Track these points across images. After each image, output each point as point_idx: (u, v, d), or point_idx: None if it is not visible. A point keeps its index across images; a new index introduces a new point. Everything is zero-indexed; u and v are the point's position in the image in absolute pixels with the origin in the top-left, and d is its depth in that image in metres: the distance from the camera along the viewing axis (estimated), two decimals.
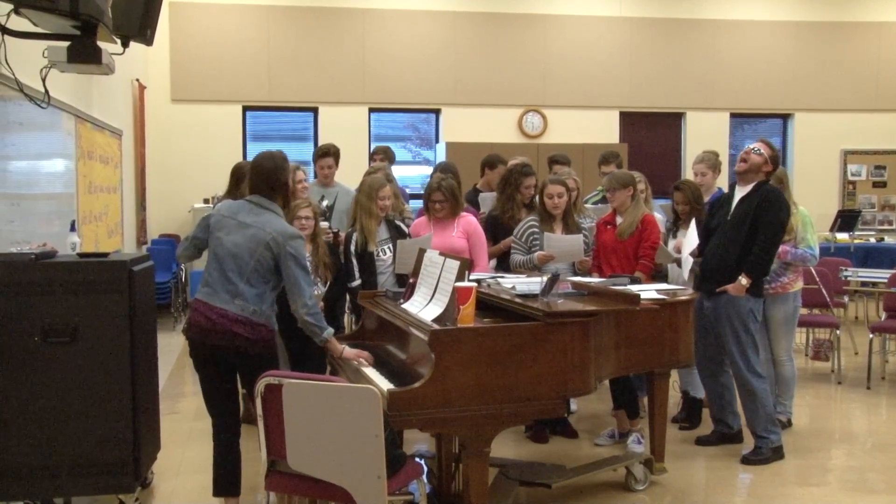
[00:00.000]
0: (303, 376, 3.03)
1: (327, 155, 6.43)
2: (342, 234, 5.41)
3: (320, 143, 9.08)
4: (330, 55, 11.04)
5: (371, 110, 11.31)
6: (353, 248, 5.10)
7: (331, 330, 3.70)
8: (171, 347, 7.95)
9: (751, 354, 4.83)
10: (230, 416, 3.78)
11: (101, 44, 4.16)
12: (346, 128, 10.88)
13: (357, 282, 5.04)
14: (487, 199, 6.02)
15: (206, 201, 10.37)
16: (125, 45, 4.41)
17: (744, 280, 4.71)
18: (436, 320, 3.54)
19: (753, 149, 4.86)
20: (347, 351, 3.81)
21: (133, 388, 3.87)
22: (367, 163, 9.69)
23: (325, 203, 5.65)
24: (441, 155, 10.73)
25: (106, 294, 3.80)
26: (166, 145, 10.71)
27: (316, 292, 4.61)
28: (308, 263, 4.60)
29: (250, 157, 10.93)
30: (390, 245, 5.13)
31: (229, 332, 3.56)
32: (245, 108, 11.04)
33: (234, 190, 5.31)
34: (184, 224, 10.75)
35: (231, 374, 3.71)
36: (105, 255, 4.13)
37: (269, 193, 3.76)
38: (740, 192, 4.89)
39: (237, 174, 5.37)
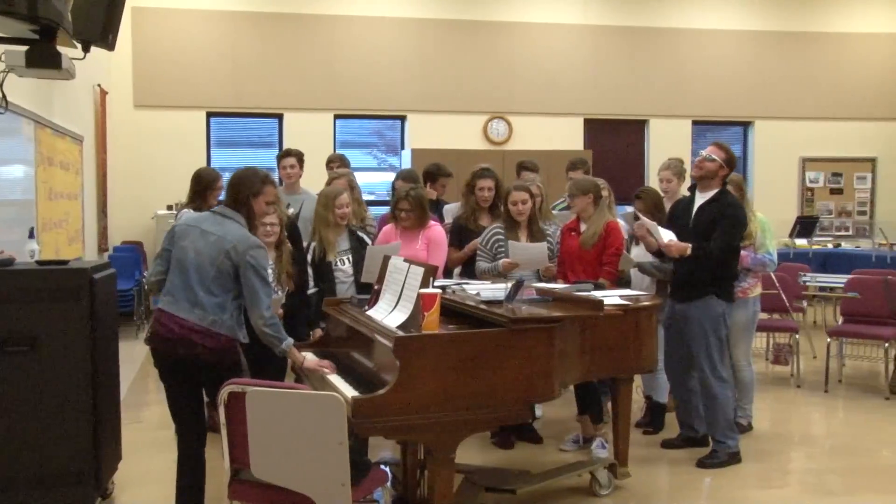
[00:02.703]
0: (266, 384, 3.01)
1: (289, 155, 6.40)
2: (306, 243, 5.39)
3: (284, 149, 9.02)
4: (295, 61, 11.00)
5: (336, 117, 11.28)
6: (310, 257, 5.07)
7: (290, 340, 3.67)
8: (135, 355, 7.84)
9: (717, 359, 4.87)
10: (195, 424, 3.73)
11: (61, 49, 4.10)
12: (312, 134, 10.83)
13: (313, 289, 5.01)
14: (451, 211, 6.01)
15: (169, 208, 10.26)
16: (86, 49, 4.35)
17: (688, 251, 4.72)
18: (400, 327, 3.53)
19: (706, 156, 4.88)
20: (309, 361, 3.79)
21: (93, 398, 3.81)
22: (327, 170, 9.70)
23: (290, 210, 5.61)
24: (406, 161, 10.73)
25: (66, 302, 3.74)
26: (129, 151, 10.59)
27: (274, 297, 4.58)
28: (271, 272, 4.58)
29: (215, 164, 10.92)
30: (350, 256, 5.11)
31: (189, 342, 3.51)
32: (209, 114, 10.95)
33: (195, 197, 5.26)
34: (147, 231, 10.63)
35: (195, 383, 3.66)
36: (65, 262, 4.06)
37: (233, 204, 3.73)
38: (700, 198, 4.93)
39: (199, 181, 5.31)
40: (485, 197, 5.63)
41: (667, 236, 4.82)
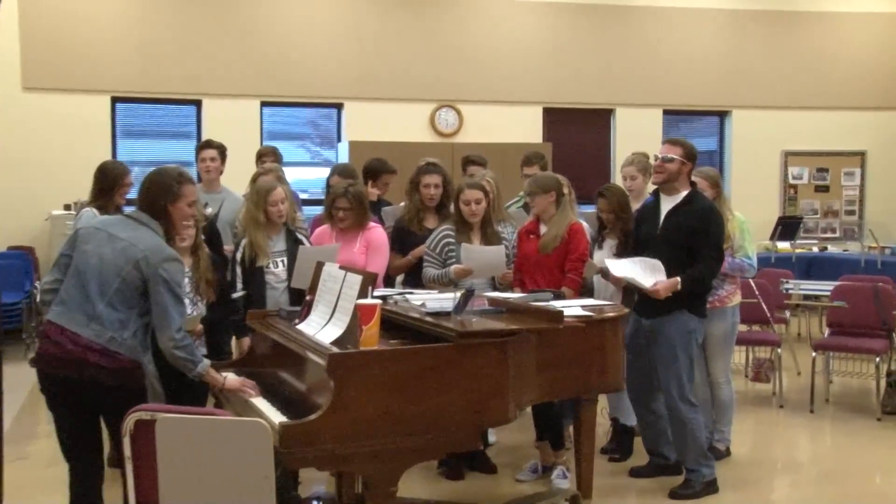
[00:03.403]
0: (180, 410, 2.98)
1: (209, 147, 6.35)
2: (229, 248, 5.35)
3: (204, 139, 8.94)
4: (216, 41, 10.89)
5: (263, 104, 11.19)
6: (239, 256, 5.06)
7: (206, 362, 3.65)
8: (22, 380, 7.61)
9: (685, 380, 4.93)
10: (90, 460, 3.67)
11: None
12: (235, 124, 10.72)
13: (240, 293, 4.99)
14: (390, 213, 6.02)
15: (67, 207, 10.04)
16: None
17: (679, 286, 4.77)
18: (335, 343, 3.54)
19: (663, 157, 4.91)
20: (230, 380, 3.76)
21: None
22: (257, 165, 9.62)
23: (208, 210, 5.57)
24: (343, 155, 10.70)
25: None
26: (17, 140, 10.33)
27: (196, 313, 4.53)
28: (187, 281, 4.54)
29: (122, 157, 10.76)
30: (285, 259, 5.10)
31: (82, 362, 3.45)
32: (114, 100, 10.77)
33: (99, 195, 5.19)
34: (39, 234, 10.39)
35: (91, 411, 3.60)
36: None
37: (149, 210, 3.70)
38: (668, 202, 4.98)
39: (104, 177, 5.24)
40: (431, 195, 5.65)
41: (649, 277, 4.80)
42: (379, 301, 3.54)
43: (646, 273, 4.81)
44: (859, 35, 12.90)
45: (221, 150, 6.41)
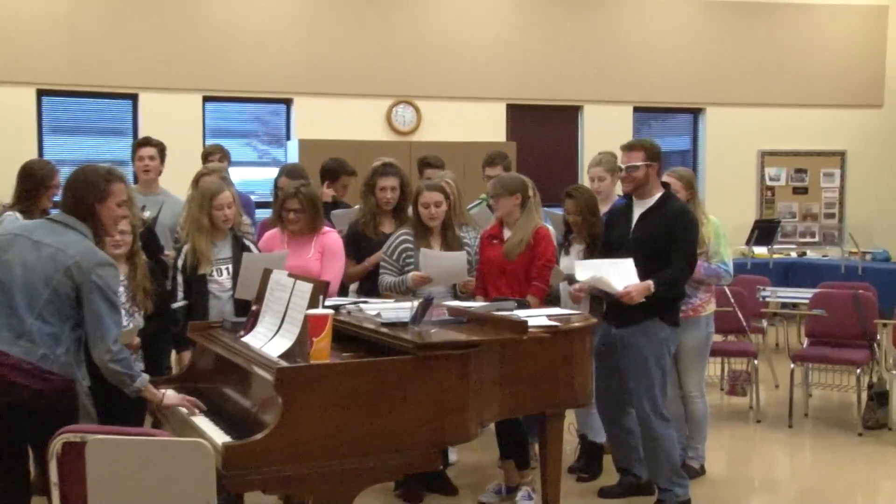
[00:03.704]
0: (113, 430, 2.95)
1: (147, 145, 6.30)
2: (170, 253, 5.31)
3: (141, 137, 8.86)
4: (154, 29, 10.78)
5: (206, 99, 11.10)
6: (180, 263, 5.02)
7: (144, 377, 3.61)
8: None
9: (657, 393, 4.96)
10: (15, 487, 3.61)
11: None
12: (175, 120, 10.62)
13: (181, 302, 4.95)
14: (341, 217, 6.00)
15: None
16: None
17: (651, 289, 4.78)
18: (284, 356, 3.52)
19: (627, 168, 4.95)
20: (169, 397, 3.73)
21: None
22: (203, 164, 9.53)
23: (146, 214, 5.53)
24: (293, 154, 10.66)
25: None
26: None
27: (132, 325, 4.49)
28: (122, 291, 4.50)
29: (49, 155, 10.61)
30: (231, 266, 5.08)
31: (8, 385, 3.39)
32: (40, 92, 10.60)
33: (24, 197, 5.12)
34: None
35: (14, 434, 3.53)
36: None
37: (75, 211, 3.65)
38: (640, 206, 5.02)
39: (29, 177, 5.18)
40: (388, 199, 5.65)
41: (619, 281, 4.81)
42: (331, 311, 3.53)
43: (616, 276, 4.84)
44: (840, 28, 13.07)
45: (160, 149, 6.35)
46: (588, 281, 4.92)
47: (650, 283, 4.77)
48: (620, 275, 4.83)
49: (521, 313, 4.44)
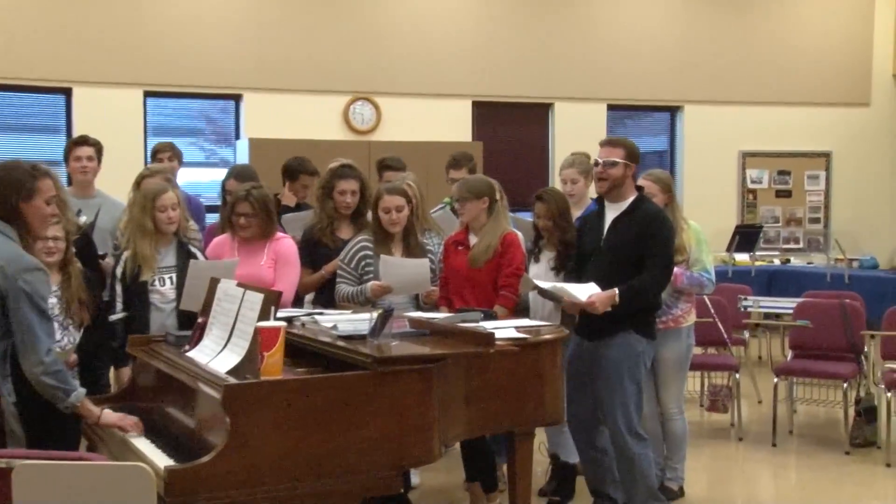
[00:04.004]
0: (43, 455, 2.91)
1: (84, 144, 6.23)
2: (109, 260, 5.26)
3: (76, 135, 8.78)
4: (90, 18, 10.69)
5: (147, 94, 11.03)
6: (119, 271, 4.97)
7: (81, 391, 3.57)
8: None
9: (633, 411, 4.97)
10: None
11: None
12: (113, 117, 10.53)
13: (120, 314, 4.90)
14: (294, 222, 5.96)
15: None
16: None
17: (617, 298, 4.79)
18: (232, 372, 3.51)
19: (605, 162, 4.96)
20: (107, 415, 3.69)
21: None
22: (145, 164, 9.45)
23: (82, 218, 5.48)
24: (243, 155, 10.62)
25: None
26: None
27: (65, 341, 4.44)
28: (56, 302, 4.45)
29: None
30: (175, 275, 5.05)
31: None
32: None
33: None
34: None
35: None
36: None
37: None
38: (613, 210, 5.03)
39: None
40: (347, 203, 5.65)
41: (584, 291, 4.83)
42: (283, 323, 3.52)
43: (578, 288, 4.86)
44: (825, 22, 13.22)
45: (98, 148, 6.29)
46: (550, 290, 4.94)
47: (615, 291, 4.79)
48: (584, 292, 4.85)
49: (487, 325, 4.44)
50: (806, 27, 13.16)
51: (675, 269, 5.25)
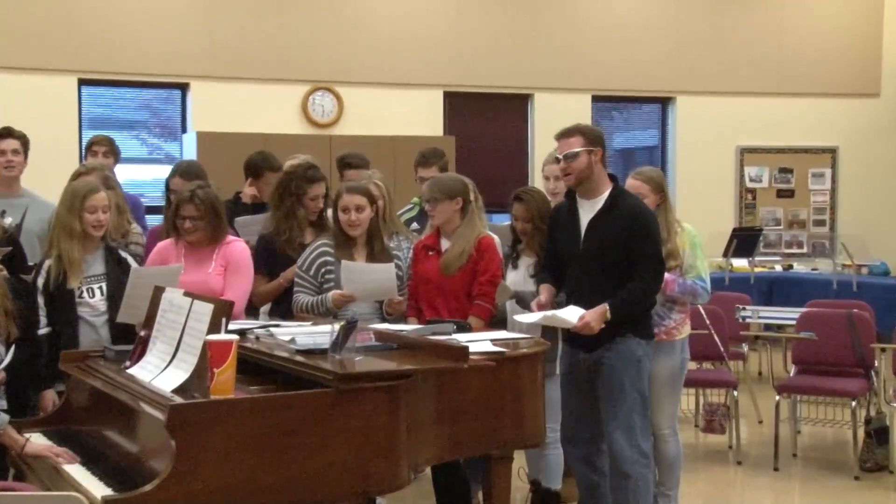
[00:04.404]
0: None
1: (9, 136, 6.18)
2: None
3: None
4: None
5: (83, 82, 10.97)
6: (41, 281, 4.92)
7: (3, 417, 3.55)
8: None
9: (637, 425, 4.97)
10: None
11: None
12: (43, 107, 10.46)
13: (44, 329, 4.87)
14: (248, 226, 5.94)
15: None
16: None
17: (608, 314, 4.81)
18: (178, 391, 3.50)
19: (564, 157, 4.94)
20: (33, 444, 3.67)
21: None
22: (80, 159, 9.39)
23: (7, 220, 5.45)
24: (190, 150, 10.58)
25: None
26: None
27: None
28: None
29: None
30: (104, 285, 5.01)
31: None
32: None
33: None
34: None
35: None
36: None
37: None
38: (588, 208, 5.00)
39: None
40: (319, 208, 5.65)
41: (573, 313, 4.84)
42: (235, 337, 3.50)
43: (566, 312, 4.86)
44: (831, 7, 13.31)
45: (24, 142, 6.24)
46: (538, 322, 4.94)
47: (605, 307, 4.80)
48: (569, 313, 4.86)
49: (461, 338, 4.45)
50: (810, 10, 13.22)
51: (667, 276, 5.25)
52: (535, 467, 5.82)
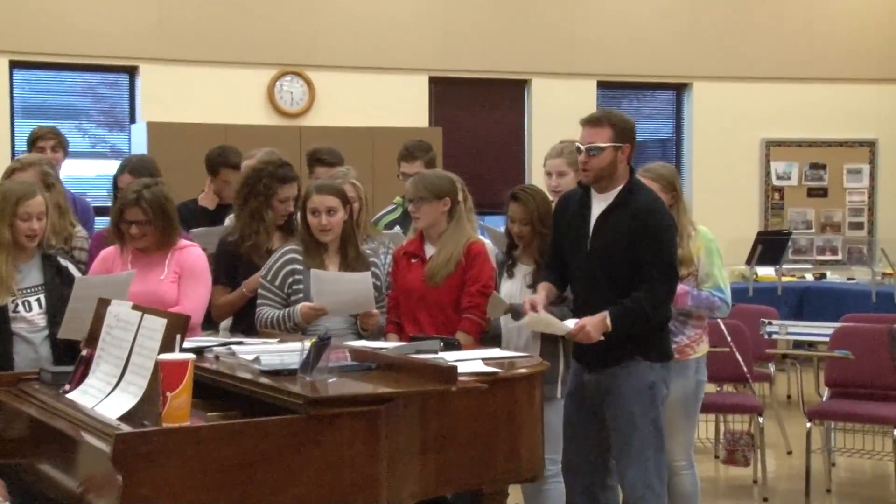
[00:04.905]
0: None
1: None
2: None
3: None
4: None
5: (15, 65, 10.97)
6: None
7: None
8: None
9: (650, 458, 4.97)
10: None
11: None
12: None
13: None
14: (208, 238, 5.93)
15: None
16: None
17: (608, 320, 4.79)
18: (126, 418, 3.49)
19: (587, 150, 4.90)
20: None
21: None
22: (11, 154, 9.40)
23: None
24: (139, 143, 10.58)
25: None
26: None
27: None
28: None
29: None
30: (43, 297, 5.02)
31: None
32: None
33: None
34: None
35: None
36: None
37: None
38: (599, 201, 5.00)
39: None
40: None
41: (568, 318, 4.87)
42: (192, 356, 3.50)
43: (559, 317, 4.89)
44: None
45: None
46: (528, 323, 4.95)
47: (606, 315, 4.79)
48: (563, 318, 4.88)
49: (448, 356, 4.45)
50: None
51: (680, 287, 5.23)
52: (532, 502, 5.82)
